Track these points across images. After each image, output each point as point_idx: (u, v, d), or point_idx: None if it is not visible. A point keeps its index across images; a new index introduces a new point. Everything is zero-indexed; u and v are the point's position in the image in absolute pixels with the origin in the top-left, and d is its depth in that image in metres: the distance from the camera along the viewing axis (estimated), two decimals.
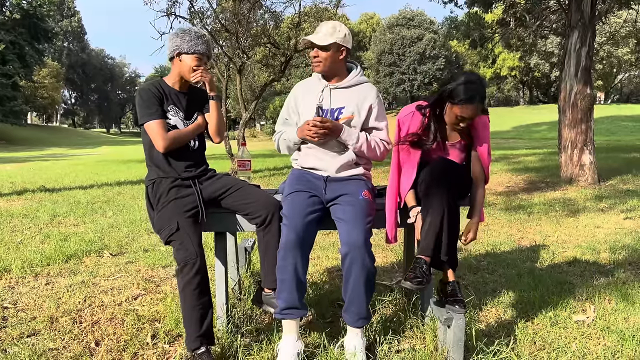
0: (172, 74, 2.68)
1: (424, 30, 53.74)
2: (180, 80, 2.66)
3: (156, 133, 2.51)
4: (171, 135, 2.54)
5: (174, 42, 2.60)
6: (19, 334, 2.86)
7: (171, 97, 2.62)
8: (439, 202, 2.47)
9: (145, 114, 2.53)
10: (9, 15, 43.46)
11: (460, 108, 2.59)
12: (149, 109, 2.53)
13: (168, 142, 2.51)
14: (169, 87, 2.65)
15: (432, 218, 2.47)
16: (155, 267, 4.20)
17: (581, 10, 8.37)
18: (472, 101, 2.56)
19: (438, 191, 2.49)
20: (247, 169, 3.21)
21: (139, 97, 2.56)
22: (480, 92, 2.59)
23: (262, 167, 13.65)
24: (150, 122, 2.52)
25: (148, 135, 2.58)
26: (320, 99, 2.72)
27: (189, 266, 2.38)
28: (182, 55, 2.59)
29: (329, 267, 4.17)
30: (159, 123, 2.52)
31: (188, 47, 2.58)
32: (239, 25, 11.48)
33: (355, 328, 2.49)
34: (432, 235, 2.45)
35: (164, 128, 2.53)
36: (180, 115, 2.63)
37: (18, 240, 5.11)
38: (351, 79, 2.75)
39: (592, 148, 8.54)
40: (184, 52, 2.58)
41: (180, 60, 2.60)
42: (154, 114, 2.53)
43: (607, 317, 3.01)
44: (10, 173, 13.01)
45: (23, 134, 44.74)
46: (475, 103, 2.57)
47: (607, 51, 41.18)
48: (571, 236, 5.17)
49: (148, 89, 2.57)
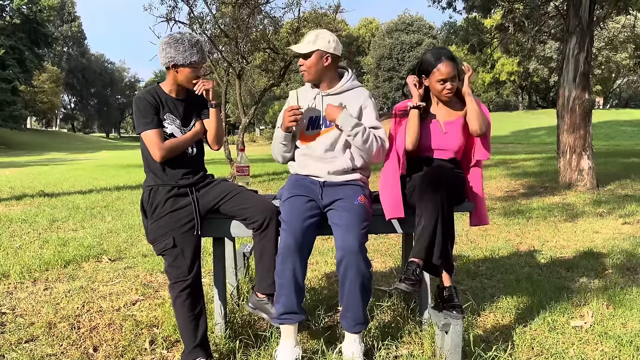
0: (168, 81, 2.63)
1: (423, 35, 53.88)
2: (177, 87, 2.63)
3: (152, 143, 2.49)
4: (167, 145, 2.52)
5: (168, 53, 2.52)
6: (17, 339, 2.85)
7: (167, 104, 2.59)
8: (433, 206, 2.48)
9: (141, 124, 2.52)
10: (9, 20, 43.62)
11: (437, 72, 2.72)
12: (145, 119, 2.51)
13: (164, 152, 2.50)
14: (166, 95, 2.61)
15: (425, 222, 2.47)
16: (154, 272, 4.20)
17: (579, 15, 8.41)
18: (441, 58, 2.71)
19: (432, 195, 2.50)
20: (246, 174, 3.22)
21: (135, 106, 2.55)
22: (444, 52, 2.76)
23: (261, 172, 13.66)
24: (146, 132, 2.50)
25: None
26: (312, 105, 2.75)
27: (179, 283, 2.44)
28: (178, 67, 2.55)
29: (327, 272, 4.17)
30: (155, 133, 2.50)
31: (183, 59, 2.52)
32: (238, 30, 11.51)
33: (352, 334, 2.49)
34: (425, 239, 2.45)
35: (160, 137, 2.51)
36: (177, 123, 2.60)
37: (17, 246, 5.12)
38: (342, 85, 2.76)
39: (590, 153, 8.56)
40: (180, 64, 2.53)
41: (177, 72, 2.57)
42: (150, 123, 2.50)
43: (605, 322, 3.02)
44: (9, 178, 13.00)
45: (22, 139, 44.75)
46: (445, 60, 2.71)
47: (605, 56, 41.23)
48: (569, 241, 5.18)
49: (144, 97, 2.54)
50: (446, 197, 2.51)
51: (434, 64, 2.72)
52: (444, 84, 2.72)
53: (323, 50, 2.66)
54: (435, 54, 2.76)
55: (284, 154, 2.85)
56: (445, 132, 2.82)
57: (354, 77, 2.82)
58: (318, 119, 2.75)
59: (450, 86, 2.73)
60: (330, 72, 2.74)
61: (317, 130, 2.75)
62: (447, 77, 2.70)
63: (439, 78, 2.71)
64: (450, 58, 2.72)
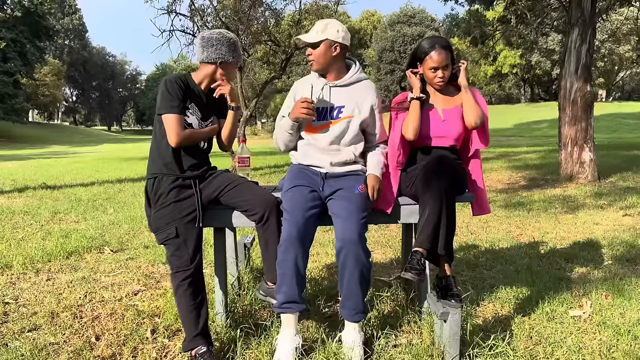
0: (200, 73, 2.65)
1: (425, 27, 53.70)
2: (208, 82, 2.66)
3: (172, 127, 2.50)
4: (186, 133, 2.54)
5: (220, 50, 2.59)
6: (20, 328, 2.89)
7: (194, 95, 2.62)
8: (437, 195, 2.49)
9: (166, 106, 2.52)
10: (10, 12, 43.51)
11: (429, 59, 2.77)
12: (172, 102, 2.52)
13: (181, 138, 2.51)
14: (195, 85, 2.64)
15: (429, 211, 2.48)
16: (156, 263, 4.22)
17: (582, 7, 8.37)
18: (434, 46, 2.75)
19: (436, 184, 2.51)
20: (247, 166, 3.23)
21: (164, 87, 2.55)
22: (439, 40, 2.79)
23: (262, 164, 13.67)
24: (169, 115, 2.51)
25: (163, 127, 2.56)
26: (320, 95, 2.74)
27: (181, 272, 2.47)
28: (225, 64, 2.62)
29: (327, 263, 4.19)
30: (177, 118, 2.51)
31: (234, 58, 2.64)
32: (239, 22, 11.50)
33: (352, 322, 2.51)
34: (429, 228, 2.47)
35: (180, 124, 2.52)
36: (198, 114, 2.63)
37: (19, 237, 5.15)
38: (350, 77, 2.75)
39: (592, 145, 8.54)
40: (229, 62, 2.63)
41: (222, 69, 2.62)
42: (175, 107, 2.52)
43: (603, 312, 3.03)
44: (11, 170, 13.04)
45: (24, 132, 44.78)
46: (438, 48, 2.75)
47: (608, 48, 41.14)
48: (570, 233, 5.19)
49: (175, 81, 2.56)
50: (450, 187, 2.52)
51: (427, 51, 2.77)
52: (435, 71, 2.76)
53: (332, 40, 2.66)
54: (430, 42, 2.79)
55: (288, 143, 2.84)
56: (444, 119, 2.83)
57: (361, 69, 2.83)
58: (326, 110, 2.74)
59: (441, 74, 2.76)
60: (338, 62, 2.74)
61: (325, 122, 2.73)
62: (439, 65, 2.73)
63: (430, 66, 2.76)
64: (444, 47, 2.74)
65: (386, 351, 2.53)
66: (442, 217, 2.48)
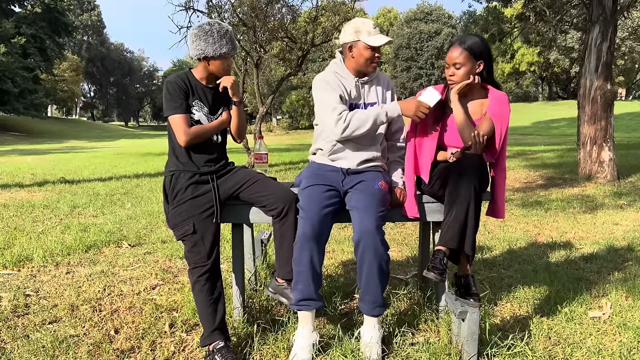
0: (199, 69, 2.63)
1: (442, 24, 53.25)
2: (207, 76, 2.64)
3: (178, 127, 2.52)
4: (193, 130, 2.55)
5: (198, 46, 2.52)
6: (41, 320, 2.93)
7: (197, 91, 2.61)
8: (466, 194, 2.45)
9: (170, 107, 2.54)
10: (30, 9, 44.03)
11: (447, 54, 2.68)
12: (174, 102, 2.53)
13: (189, 137, 2.53)
14: (196, 81, 2.63)
15: (457, 211, 2.45)
16: (173, 258, 4.26)
17: (603, 4, 8.24)
18: (454, 43, 2.67)
19: (466, 185, 2.47)
20: (264, 162, 3.24)
21: (165, 89, 2.56)
22: (462, 37, 2.68)
23: (278, 161, 13.71)
24: (174, 116, 2.53)
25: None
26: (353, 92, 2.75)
27: (198, 268, 2.49)
28: (209, 59, 2.56)
29: (343, 260, 4.19)
30: (182, 117, 2.53)
31: (213, 51, 2.52)
32: (256, 19, 11.50)
33: (372, 317, 2.51)
34: (456, 228, 2.45)
35: (186, 123, 2.54)
36: (204, 110, 2.63)
37: (39, 230, 5.22)
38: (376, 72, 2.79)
39: (611, 144, 8.42)
40: (210, 56, 2.54)
41: (208, 64, 2.58)
42: (178, 108, 2.53)
43: (623, 313, 2.99)
44: (31, 165, 13.23)
45: (43, 127, 45.36)
46: (456, 44, 2.65)
47: (629, 46, 40.42)
48: (589, 233, 5.13)
49: (175, 81, 2.56)
50: (478, 187, 2.49)
51: (449, 46, 2.72)
52: (448, 68, 2.70)
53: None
54: (457, 37, 2.77)
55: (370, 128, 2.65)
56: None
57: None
58: (360, 107, 2.74)
59: (451, 73, 2.67)
60: None
61: None
62: (450, 62, 2.66)
63: (446, 63, 2.70)
64: (462, 44, 2.63)
65: (403, 349, 2.52)
66: (470, 216, 2.45)
